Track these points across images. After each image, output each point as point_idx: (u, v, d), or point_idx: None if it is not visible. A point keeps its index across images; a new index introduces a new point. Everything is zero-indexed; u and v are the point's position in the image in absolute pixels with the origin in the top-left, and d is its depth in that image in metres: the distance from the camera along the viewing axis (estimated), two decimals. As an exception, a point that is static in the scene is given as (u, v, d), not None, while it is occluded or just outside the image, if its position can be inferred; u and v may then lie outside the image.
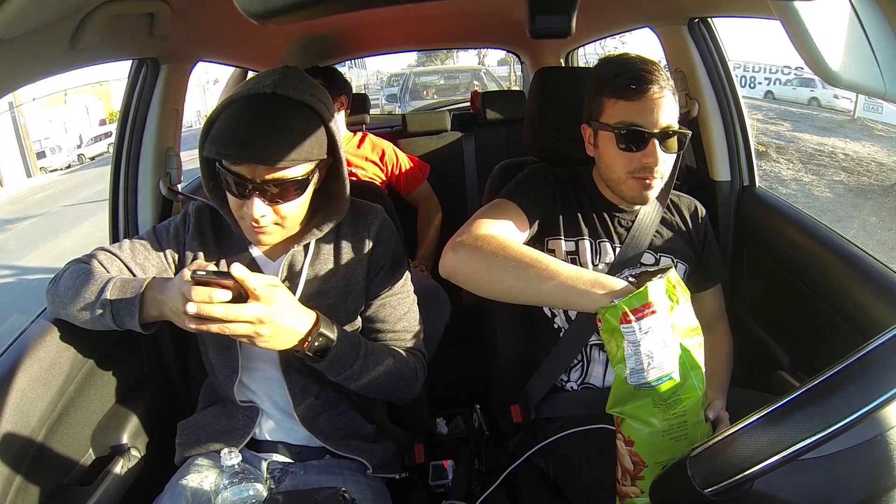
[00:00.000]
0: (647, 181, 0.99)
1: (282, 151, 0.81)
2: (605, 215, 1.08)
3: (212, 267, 0.79)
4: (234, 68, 2.00)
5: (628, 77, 0.96)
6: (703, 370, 0.74)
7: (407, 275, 1.03)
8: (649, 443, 0.74)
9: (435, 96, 8.55)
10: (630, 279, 0.78)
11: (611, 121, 0.98)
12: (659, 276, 0.75)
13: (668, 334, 0.71)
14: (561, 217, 1.07)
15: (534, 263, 0.82)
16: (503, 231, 0.95)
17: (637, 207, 1.07)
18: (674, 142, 0.97)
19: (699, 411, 0.75)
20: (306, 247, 0.96)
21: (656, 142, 0.96)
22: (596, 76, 1.02)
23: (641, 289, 0.71)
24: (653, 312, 0.71)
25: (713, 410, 0.93)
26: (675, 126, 0.97)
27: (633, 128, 0.96)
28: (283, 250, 0.96)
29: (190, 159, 1.46)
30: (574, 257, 1.05)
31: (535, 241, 1.06)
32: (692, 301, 0.78)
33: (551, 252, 1.06)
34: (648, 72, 0.96)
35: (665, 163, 0.98)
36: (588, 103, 1.05)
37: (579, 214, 1.08)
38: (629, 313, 0.71)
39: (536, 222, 1.04)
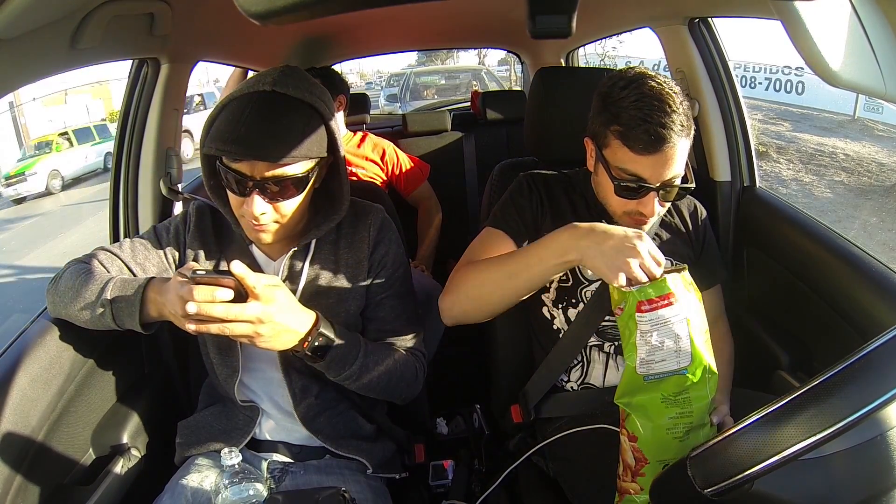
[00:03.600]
0: (642, 222, 0.97)
1: (282, 148, 0.81)
2: (603, 219, 1.08)
3: (207, 266, 0.79)
4: (234, 68, 2.00)
5: (641, 130, 0.86)
6: (717, 375, 0.74)
7: (407, 275, 1.03)
8: (653, 439, 0.74)
9: (435, 96, 8.55)
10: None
11: (613, 163, 0.92)
12: (675, 271, 0.75)
13: (683, 329, 0.71)
14: (552, 224, 1.05)
15: (511, 259, 0.93)
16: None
17: None
18: (674, 192, 0.93)
19: (705, 414, 0.75)
20: (307, 246, 0.96)
21: (655, 195, 0.91)
22: (607, 99, 0.92)
23: (660, 279, 0.72)
24: (669, 304, 0.71)
25: (718, 415, 0.93)
26: (681, 174, 0.91)
27: (635, 180, 0.90)
28: (283, 250, 0.96)
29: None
30: None
31: None
32: None
33: None
34: (664, 125, 0.85)
35: (662, 208, 0.94)
36: (593, 121, 0.96)
37: (575, 219, 1.07)
38: (645, 303, 0.72)
39: (525, 242, 1.02)
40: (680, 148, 0.88)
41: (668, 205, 0.97)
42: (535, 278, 0.90)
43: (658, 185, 0.90)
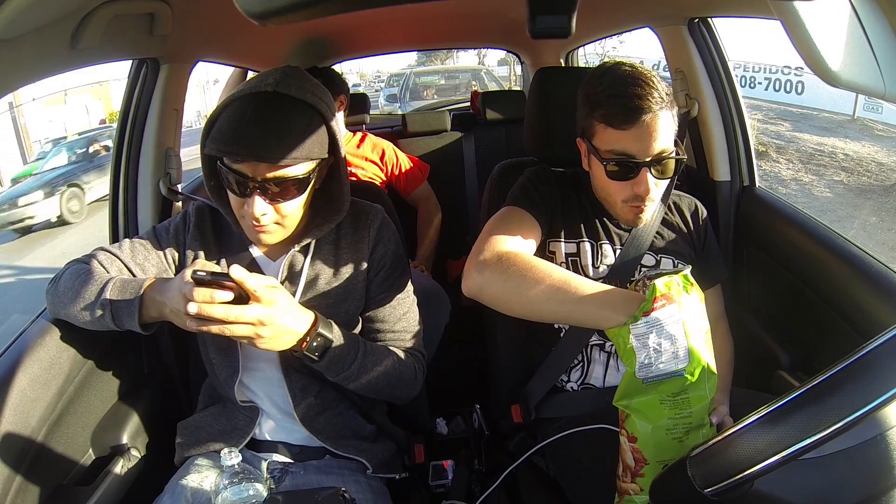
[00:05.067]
0: (640, 209, 0.98)
1: (283, 149, 0.81)
2: (605, 218, 1.08)
3: (213, 267, 0.79)
4: (234, 68, 2.00)
5: (619, 104, 0.89)
6: (716, 375, 0.75)
7: (407, 275, 1.03)
8: (652, 440, 0.74)
9: (435, 96, 8.56)
10: (646, 279, 0.78)
11: (601, 147, 0.94)
12: (675, 272, 0.75)
13: (679, 330, 0.71)
14: (562, 219, 1.07)
15: (563, 285, 0.81)
16: (522, 245, 0.94)
17: None
18: (668, 165, 0.93)
19: (705, 414, 0.75)
20: (306, 247, 0.96)
21: (647, 171, 0.92)
22: (587, 92, 0.96)
23: (649, 290, 0.72)
24: (662, 306, 0.72)
25: (718, 415, 0.93)
26: (670, 149, 0.92)
27: (624, 158, 0.92)
28: (283, 251, 0.96)
29: (189, 159, 1.47)
30: (575, 259, 1.05)
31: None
32: None
33: (552, 254, 1.06)
34: (640, 97, 0.88)
35: (658, 188, 0.95)
36: (580, 119, 1.00)
37: (579, 217, 1.08)
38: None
39: (545, 228, 1.03)
40: (662, 119, 0.90)
41: (665, 182, 0.96)
42: (582, 321, 0.84)
43: (648, 160, 0.91)
